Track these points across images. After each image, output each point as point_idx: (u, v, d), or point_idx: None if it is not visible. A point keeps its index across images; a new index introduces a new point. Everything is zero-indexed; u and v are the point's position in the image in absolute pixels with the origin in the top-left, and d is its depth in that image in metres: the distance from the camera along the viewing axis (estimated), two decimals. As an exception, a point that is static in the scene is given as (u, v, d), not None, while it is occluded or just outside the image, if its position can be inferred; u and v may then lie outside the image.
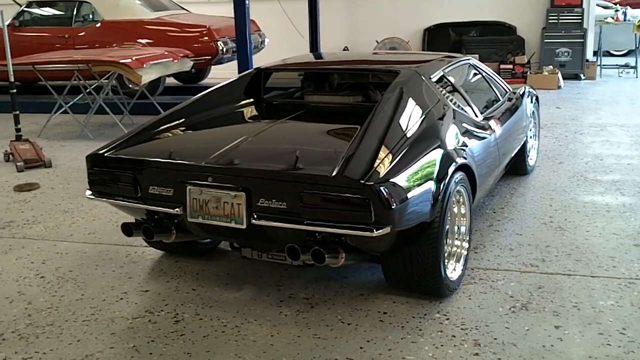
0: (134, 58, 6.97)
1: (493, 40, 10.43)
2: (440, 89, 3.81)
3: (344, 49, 11.10)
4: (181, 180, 3.07)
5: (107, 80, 7.56)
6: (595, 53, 10.82)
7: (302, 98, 4.36)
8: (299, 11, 10.28)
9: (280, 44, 11.01)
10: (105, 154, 3.35)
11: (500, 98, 4.72)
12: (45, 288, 3.57)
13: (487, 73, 4.87)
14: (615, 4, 17.45)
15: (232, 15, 7.84)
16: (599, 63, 10.68)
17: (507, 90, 4.99)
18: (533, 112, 5.39)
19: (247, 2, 7.23)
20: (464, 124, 3.69)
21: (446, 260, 3.23)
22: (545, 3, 10.50)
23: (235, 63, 8.73)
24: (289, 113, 3.89)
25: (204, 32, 8.17)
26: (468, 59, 4.71)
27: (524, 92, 5.20)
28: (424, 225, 3.01)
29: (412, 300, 3.27)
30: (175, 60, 7.36)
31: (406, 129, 3.21)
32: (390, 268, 3.25)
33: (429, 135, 3.28)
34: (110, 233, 4.36)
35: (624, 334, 2.92)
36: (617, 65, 10.99)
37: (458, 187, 3.28)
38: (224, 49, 8.18)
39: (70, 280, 3.65)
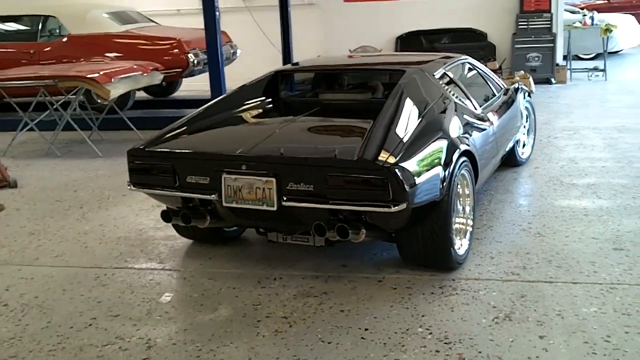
0: (101, 72, 6.81)
1: (464, 47, 10.41)
2: (443, 84, 4.19)
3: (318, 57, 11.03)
4: (217, 169, 3.40)
5: (74, 96, 7.38)
6: (565, 57, 10.90)
7: (317, 96, 4.71)
8: (271, 21, 10.19)
9: (254, 54, 10.91)
10: (146, 148, 3.69)
11: (496, 93, 5.09)
12: (8, 317, 3.40)
13: (483, 70, 5.22)
14: (582, 8, 17.71)
15: (203, 27, 7.78)
16: (569, 67, 10.76)
17: (502, 86, 5.36)
18: (526, 107, 5.77)
19: (217, 13, 7.12)
20: (465, 116, 4.06)
21: (454, 236, 3.56)
22: (515, 9, 10.56)
23: (207, 75, 8.65)
24: (308, 109, 4.24)
25: (174, 45, 8.04)
26: (465, 58, 5.04)
27: (517, 88, 5.58)
28: (433, 204, 3.35)
29: (394, 315, 3.19)
30: (145, 74, 7.21)
31: (415, 119, 3.57)
32: (405, 245, 3.61)
33: (435, 125, 3.66)
34: (79, 255, 4.21)
35: (608, 341, 2.87)
36: (586, 68, 11.09)
37: (462, 171, 3.65)
38: (195, 61, 8.05)
39: (36, 307, 3.49)
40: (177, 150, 3.66)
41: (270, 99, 4.58)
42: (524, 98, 5.72)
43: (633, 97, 9.01)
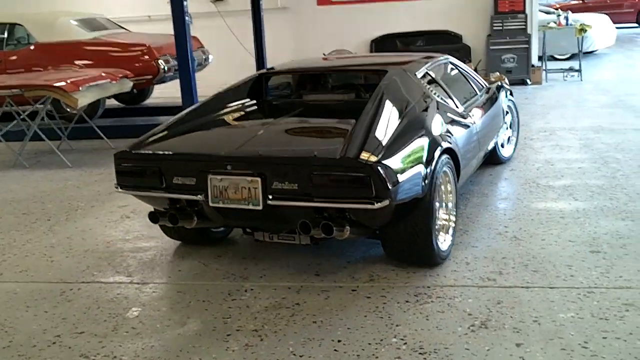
0: (69, 81, 6.65)
1: (439, 49, 10.36)
2: (425, 84, 4.25)
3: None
4: (203, 170, 3.43)
5: (42, 105, 7.21)
6: (540, 58, 10.91)
7: (301, 98, 4.74)
8: (244, 26, 10.09)
9: (228, 60, 10.81)
10: (132, 151, 3.72)
11: (478, 92, 5.13)
12: (-33, 337, 3.26)
13: (464, 70, 5.26)
14: (557, 9, 17.82)
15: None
16: (544, 68, 10.78)
17: (484, 85, 5.40)
18: (509, 105, 5.85)
19: (187, 18, 7.00)
20: (447, 114, 4.12)
21: (437, 232, 3.65)
22: (490, 10, 10.55)
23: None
24: (292, 110, 4.31)
25: (144, 51, 7.89)
26: (447, 58, 5.10)
27: (498, 87, 5.66)
28: (416, 201, 3.41)
29: (368, 325, 3.09)
30: (114, 82, 7.07)
31: (397, 118, 3.62)
32: (389, 241, 3.67)
33: (416, 124, 3.72)
34: (45, 269, 4.07)
35: (586, 347, 2.80)
36: (561, 69, 11.11)
37: (444, 168, 3.72)
38: (166, 68, 7.90)
39: (-4, 326, 3.35)
40: (163, 152, 3.68)
41: (254, 101, 4.62)
42: (506, 97, 5.79)
43: (609, 97, 9.02)
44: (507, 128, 5.88)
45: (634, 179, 5.13)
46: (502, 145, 5.81)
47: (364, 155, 3.19)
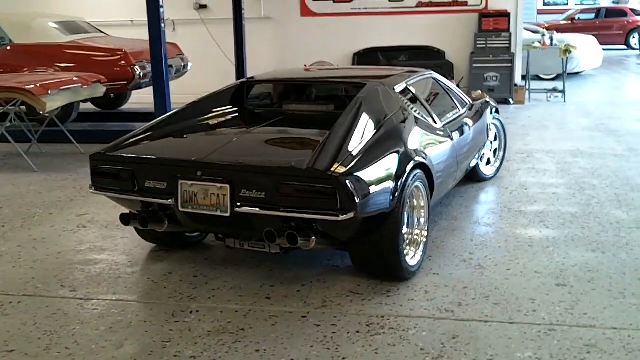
0: (38, 84, 6.46)
1: (421, 64, 10.22)
2: (403, 98, 4.26)
3: (273, 73, 10.79)
4: (174, 175, 3.47)
5: (13, 107, 7.00)
6: (524, 77, 10.82)
7: (280, 107, 4.79)
8: (227, 35, 9.94)
9: (209, 67, 10.66)
10: (107, 153, 3.77)
11: (460, 108, 5.10)
12: None
13: (447, 86, 5.26)
14: (547, 28, 17.81)
15: None
16: (527, 87, 10.69)
17: (467, 102, 5.36)
18: (494, 123, 5.82)
19: (162, 24, 6.83)
20: (423, 129, 4.13)
21: (407, 247, 3.71)
22: (474, 28, 10.45)
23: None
24: (270, 119, 4.35)
25: (120, 56, 7.69)
26: (430, 73, 5.12)
27: (484, 104, 5.65)
28: (384, 215, 3.42)
29: (313, 357, 2.92)
30: (85, 86, 6.87)
31: (370, 131, 3.64)
32: (357, 254, 3.67)
33: (390, 137, 3.74)
34: (-15, 281, 3.86)
35: (542, 389, 2.64)
36: (545, 89, 11.02)
37: (416, 183, 3.73)
38: (141, 74, 7.70)
39: None
40: (137, 156, 3.73)
41: (233, 109, 4.64)
42: (491, 114, 5.74)
43: (590, 120, 8.93)
44: (491, 145, 5.85)
45: (608, 208, 4.99)
46: (488, 163, 5.83)
47: (331, 167, 3.20)
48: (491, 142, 5.85)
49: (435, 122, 4.44)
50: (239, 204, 3.32)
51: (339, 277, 3.77)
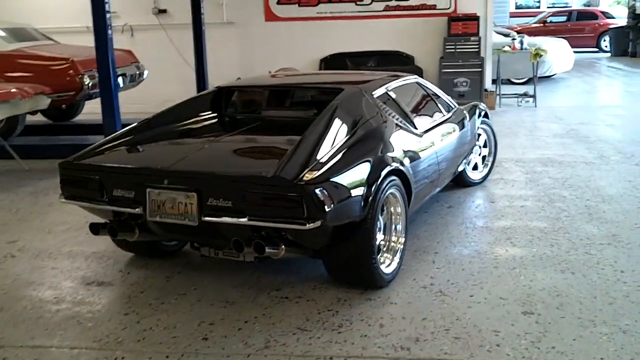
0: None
1: (390, 70, 9.99)
2: (381, 104, 4.16)
3: (237, 80, 10.42)
4: (141, 184, 3.39)
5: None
6: (494, 81, 10.59)
7: (254, 114, 4.74)
8: (189, 41, 9.55)
9: (170, 74, 10.29)
10: (74, 161, 3.70)
11: (445, 113, 4.99)
12: None
13: (432, 91, 5.15)
14: (519, 32, 17.67)
15: (115, 47, 7.10)
16: (498, 92, 10.45)
17: (453, 107, 5.25)
18: (483, 127, 5.73)
19: (109, 31, 6.44)
20: (401, 135, 4.04)
21: (383, 254, 3.70)
22: (443, 32, 10.19)
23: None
24: (244, 126, 4.29)
25: (66, 65, 7.21)
26: (415, 78, 5.04)
27: (471, 108, 5.54)
28: (357, 222, 3.36)
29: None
30: (26, 98, 6.45)
31: (342, 138, 3.55)
32: (330, 262, 3.62)
33: (363, 144, 3.64)
34: None
35: None
36: (516, 94, 10.78)
37: (391, 190, 3.65)
38: (90, 84, 7.24)
39: None
40: (104, 164, 3.67)
41: (209, 115, 4.57)
42: (479, 118, 5.62)
43: (561, 126, 8.69)
44: (480, 150, 5.76)
45: (578, 222, 4.71)
46: (475, 168, 5.75)
47: (298, 175, 3.11)
48: (480, 147, 5.76)
49: (416, 128, 4.35)
50: (206, 212, 3.23)
51: (287, 311, 3.43)
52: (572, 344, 3.02)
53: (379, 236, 3.62)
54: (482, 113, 5.73)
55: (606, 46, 21.37)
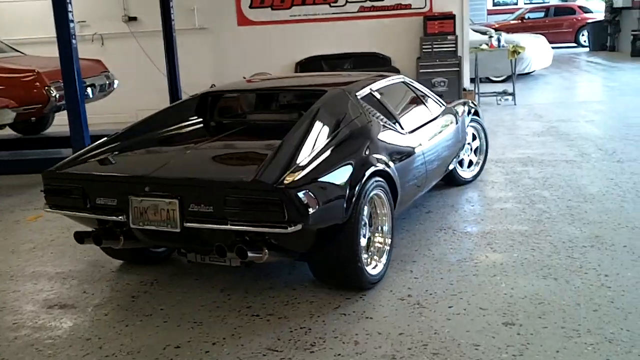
0: None
1: (367, 71, 9.85)
2: (365, 104, 4.15)
3: (211, 87, 10.22)
4: (124, 191, 3.40)
5: None
6: (473, 80, 10.48)
7: (243, 117, 4.78)
8: (161, 48, 9.33)
9: (143, 83, 10.08)
10: (57, 171, 3.71)
11: (432, 112, 4.96)
12: None
13: (420, 90, 5.16)
14: (497, 29, 17.61)
15: (84, 56, 6.93)
16: (476, 91, 10.34)
17: (442, 106, 5.22)
18: (473, 126, 5.73)
19: (73, 40, 6.24)
20: (386, 136, 4.03)
21: (369, 256, 3.69)
22: (419, 32, 10.06)
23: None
24: (227, 130, 4.32)
25: (32, 77, 6.94)
26: (401, 78, 5.06)
27: (461, 106, 5.56)
28: (341, 225, 3.35)
29: None
30: (-12, 113, 6.24)
31: (323, 140, 3.53)
32: (316, 265, 3.61)
33: (346, 145, 3.63)
34: None
35: None
36: (495, 92, 10.69)
37: (376, 191, 3.64)
38: (57, 96, 7.00)
39: None
40: (86, 173, 3.69)
41: (193, 121, 4.54)
42: (468, 116, 5.63)
43: (541, 123, 8.60)
44: (471, 149, 5.78)
45: (560, 224, 4.59)
46: (469, 166, 5.79)
47: (278, 179, 3.10)
48: (470, 146, 5.77)
49: (402, 128, 4.35)
50: (188, 219, 3.23)
51: (257, 330, 3.26)
52: (555, 356, 2.88)
53: (364, 238, 3.60)
54: (473, 111, 5.73)
55: (585, 41, 21.40)
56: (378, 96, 4.40)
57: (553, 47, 14.81)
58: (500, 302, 3.43)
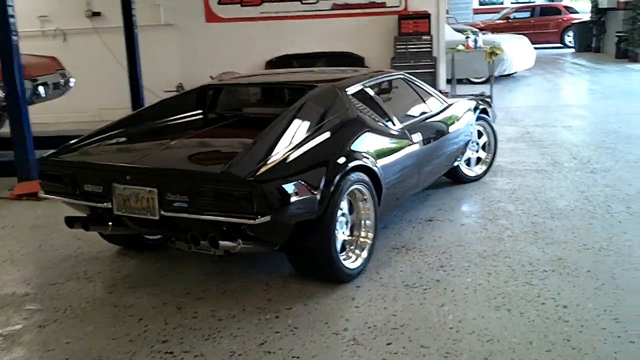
0: None
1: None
2: (355, 100, 4.20)
3: (178, 86, 9.85)
4: (108, 179, 3.54)
5: None
6: (449, 81, 10.14)
7: (234, 111, 4.84)
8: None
9: (106, 80, 9.68)
10: (50, 157, 3.88)
11: (431, 110, 4.98)
12: None
13: (420, 87, 5.15)
14: (482, 28, 17.29)
15: (38, 52, 6.55)
16: (452, 93, 10.00)
17: (443, 103, 5.22)
18: (481, 124, 5.67)
19: (15, 37, 5.85)
20: (373, 132, 4.07)
21: (349, 250, 3.77)
22: (393, 31, 9.72)
23: (40, 106, 7.41)
24: (216, 123, 4.47)
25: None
26: (400, 74, 5.07)
27: (464, 104, 5.49)
28: (317, 217, 3.42)
29: None
30: None
31: (302, 134, 3.60)
32: (293, 256, 3.71)
33: (326, 140, 3.67)
34: None
35: None
36: (472, 95, 10.34)
37: (357, 186, 3.71)
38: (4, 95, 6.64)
39: None
40: (75, 160, 3.82)
41: (188, 114, 4.64)
42: (475, 114, 5.55)
43: (516, 129, 8.27)
44: (476, 147, 5.72)
45: (522, 243, 4.25)
46: (477, 162, 5.75)
47: (249, 171, 3.16)
48: (477, 144, 5.73)
49: (394, 124, 4.38)
50: (165, 207, 3.34)
51: (226, 334, 2.90)
52: (497, 407, 2.54)
53: (344, 232, 3.70)
54: (479, 108, 5.63)
55: (570, 41, 21.13)
56: (371, 92, 4.44)
57: (538, 48, 14.52)
58: (445, 339, 3.08)
